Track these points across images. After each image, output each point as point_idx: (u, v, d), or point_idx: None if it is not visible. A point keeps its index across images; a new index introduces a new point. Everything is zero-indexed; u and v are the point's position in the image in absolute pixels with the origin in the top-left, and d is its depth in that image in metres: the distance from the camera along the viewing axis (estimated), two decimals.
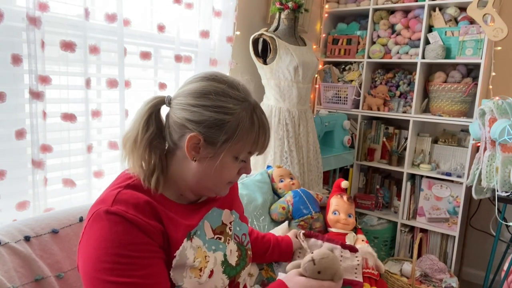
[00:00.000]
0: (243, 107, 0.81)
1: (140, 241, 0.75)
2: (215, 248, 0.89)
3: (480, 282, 2.61)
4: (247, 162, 0.88)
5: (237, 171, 0.87)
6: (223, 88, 0.82)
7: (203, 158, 0.83)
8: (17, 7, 1.22)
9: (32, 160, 1.26)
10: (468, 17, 2.27)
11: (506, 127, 1.87)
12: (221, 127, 0.80)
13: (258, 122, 0.83)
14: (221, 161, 0.82)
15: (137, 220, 0.76)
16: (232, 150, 0.82)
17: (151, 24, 1.64)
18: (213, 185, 0.86)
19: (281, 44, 1.98)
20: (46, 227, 1.06)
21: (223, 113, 0.80)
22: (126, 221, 0.75)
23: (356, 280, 1.43)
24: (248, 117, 0.82)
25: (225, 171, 0.84)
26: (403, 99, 2.60)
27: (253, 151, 0.86)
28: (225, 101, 0.80)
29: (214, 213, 0.94)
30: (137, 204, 0.78)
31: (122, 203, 0.77)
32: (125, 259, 0.73)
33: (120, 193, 0.80)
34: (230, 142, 0.80)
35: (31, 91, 1.22)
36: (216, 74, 0.86)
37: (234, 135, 0.80)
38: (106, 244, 0.73)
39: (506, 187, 1.96)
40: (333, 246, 0.93)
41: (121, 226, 0.75)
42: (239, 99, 0.82)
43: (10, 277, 0.91)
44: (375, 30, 2.66)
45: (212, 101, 0.80)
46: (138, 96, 1.61)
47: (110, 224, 0.75)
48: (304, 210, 1.63)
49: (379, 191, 2.77)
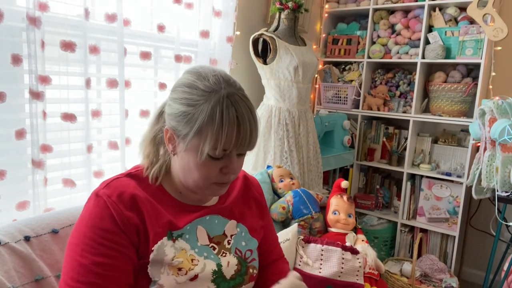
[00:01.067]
0: (207, 98, 0.76)
1: (110, 229, 0.77)
2: (207, 255, 0.86)
3: (480, 282, 2.61)
4: (228, 160, 0.81)
5: (219, 169, 0.81)
6: (192, 79, 0.80)
7: (179, 153, 0.82)
8: (17, 7, 1.22)
9: (32, 160, 1.26)
10: (468, 17, 2.27)
11: (506, 127, 1.87)
12: (185, 120, 0.77)
13: (222, 114, 0.75)
14: (192, 156, 0.79)
15: (115, 208, 0.78)
16: (199, 144, 0.77)
17: (151, 24, 1.64)
18: (193, 182, 0.82)
19: (281, 44, 1.98)
20: (46, 227, 1.07)
21: (187, 105, 0.78)
22: (105, 206, 0.78)
23: (358, 282, 1.43)
24: (210, 108, 0.75)
25: (203, 168, 0.80)
26: (403, 99, 2.60)
27: (224, 147, 0.77)
28: (190, 93, 0.78)
29: (216, 220, 0.91)
30: (121, 193, 0.80)
31: (110, 188, 0.81)
32: (90, 241, 0.76)
33: (117, 179, 0.84)
34: (193, 135, 0.77)
35: (31, 91, 1.22)
36: (196, 67, 0.84)
37: (195, 127, 0.76)
38: (83, 222, 0.79)
39: (506, 187, 1.96)
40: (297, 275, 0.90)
41: (99, 209, 0.78)
42: (206, 90, 0.77)
43: (10, 277, 0.91)
44: (375, 30, 2.66)
45: (180, 93, 0.80)
46: (138, 96, 1.61)
47: (92, 205, 0.79)
48: (304, 210, 1.63)
49: (379, 191, 2.77)
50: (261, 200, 1.05)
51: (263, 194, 1.07)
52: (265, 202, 1.07)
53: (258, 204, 1.03)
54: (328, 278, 1.41)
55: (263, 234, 1.03)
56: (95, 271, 0.74)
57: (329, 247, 1.45)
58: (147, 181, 0.86)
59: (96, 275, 0.74)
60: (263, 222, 1.02)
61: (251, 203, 1.01)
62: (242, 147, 0.79)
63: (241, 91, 0.80)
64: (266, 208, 1.08)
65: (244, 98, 0.79)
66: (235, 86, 0.80)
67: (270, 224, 1.09)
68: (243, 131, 0.77)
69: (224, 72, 0.83)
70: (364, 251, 1.50)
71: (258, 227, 1.00)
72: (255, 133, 0.80)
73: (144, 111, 1.62)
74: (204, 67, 0.83)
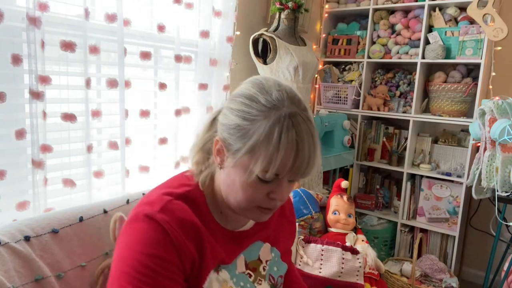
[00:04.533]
0: (266, 115, 0.69)
1: (169, 258, 0.71)
2: (243, 285, 0.82)
3: (480, 282, 2.61)
4: (278, 185, 0.73)
5: (266, 193, 0.73)
6: (254, 91, 0.72)
7: (227, 168, 0.75)
8: (17, 7, 1.22)
9: (32, 160, 1.26)
10: (468, 17, 2.27)
11: (506, 127, 1.87)
12: (239, 134, 0.71)
13: (280, 135, 0.67)
14: (240, 174, 0.72)
15: (177, 237, 0.71)
16: (249, 163, 0.70)
17: (151, 24, 1.63)
18: (235, 202, 0.75)
19: (281, 44, 1.98)
20: (46, 227, 1.06)
21: (243, 118, 0.70)
22: (164, 232, 0.71)
23: (358, 282, 1.43)
24: (268, 126, 0.68)
25: (249, 189, 0.72)
26: (403, 99, 2.60)
27: (277, 172, 0.69)
28: (249, 105, 0.71)
29: (253, 246, 0.87)
30: (183, 220, 0.74)
31: (168, 213, 0.73)
32: (146, 269, 0.69)
33: (171, 202, 0.76)
34: (244, 152, 0.70)
35: (31, 91, 1.22)
36: (259, 78, 0.77)
37: (248, 144, 0.69)
38: (135, 247, 0.71)
39: (506, 187, 1.96)
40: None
41: (157, 234, 0.71)
42: (266, 105, 0.69)
43: (10, 277, 0.91)
44: (375, 30, 2.66)
45: (238, 104, 0.73)
46: (138, 96, 1.61)
47: (147, 229, 0.71)
48: (304, 210, 1.63)
49: (379, 191, 2.77)
50: (293, 219, 1.00)
51: (293, 212, 1.03)
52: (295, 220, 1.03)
53: (290, 224, 0.98)
54: (328, 278, 1.41)
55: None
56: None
57: (329, 247, 1.45)
58: (198, 204, 0.79)
59: None
60: (292, 242, 0.99)
61: (284, 223, 0.96)
62: (296, 174, 0.71)
63: (305, 112, 0.72)
64: (295, 226, 1.03)
65: (307, 120, 0.71)
66: (299, 106, 0.71)
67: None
68: (301, 158, 0.69)
69: (290, 88, 0.74)
70: (364, 251, 1.51)
71: (289, 250, 0.97)
72: (313, 160, 0.71)
73: (144, 111, 1.62)
74: (269, 80, 0.75)
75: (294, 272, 1.05)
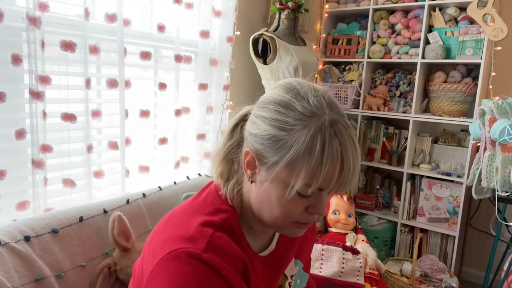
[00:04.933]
0: (305, 124, 0.62)
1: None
2: None
3: (480, 282, 2.61)
4: (318, 199, 0.67)
5: (304, 207, 0.67)
6: (288, 97, 0.66)
7: (259, 181, 0.68)
8: (17, 7, 1.22)
9: (32, 160, 1.26)
10: (468, 17, 2.27)
11: (506, 127, 1.87)
12: (275, 146, 0.64)
13: (323, 146, 0.61)
14: (277, 189, 0.65)
15: (231, 278, 0.64)
16: (288, 178, 0.64)
17: (151, 24, 1.63)
18: (271, 218, 0.69)
19: (281, 44, 1.98)
20: (46, 227, 1.07)
21: (279, 128, 0.64)
22: (218, 276, 0.62)
23: (358, 282, 1.43)
24: (309, 137, 0.61)
25: (286, 205, 0.66)
26: (403, 99, 2.60)
27: (321, 186, 0.63)
28: (285, 114, 0.64)
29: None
30: (232, 257, 0.66)
31: (216, 251, 0.64)
32: None
33: (214, 236, 0.66)
34: (282, 166, 0.63)
35: (31, 91, 1.22)
36: (292, 81, 0.70)
37: (287, 158, 0.62)
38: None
39: (506, 187, 1.96)
40: None
41: (210, 280, 0.62)
42: (305, 114, 0.63)
43: (10, 277, 0.91)
44: (375, 30, 2.66)
45: (272, 112, 0.66)
46: (138, 96, 1.61)
47: (197, 274, 0.62)
48: None
49: (379, 191, 2.77)
50: (314, 226, 0.95)
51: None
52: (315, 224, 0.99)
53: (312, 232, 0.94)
54: (328, 277, 1.41)
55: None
56: None
57: (330, 247, 1.45)
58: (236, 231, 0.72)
59: None
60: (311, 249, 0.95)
61: (307, 233, 0.88)
62: (341, 187, 0.65)
63: (344, 118, 0.66)
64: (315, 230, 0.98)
65: (348, 127, 0.65)
66: (339, 112, 0.66)
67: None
68: (346, 169, 0.63)
69: (326, 91, 0.68)
70: (364, 251, 1.51)
71: (309, 259, 0.93)
72: (357, 171, 0.66)
73: (144, 111, 1.62)
74: (303, 84, 0.69)
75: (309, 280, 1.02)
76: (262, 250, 0.79)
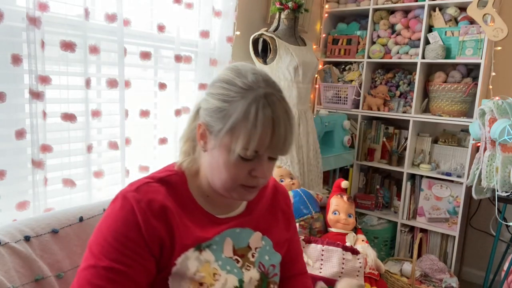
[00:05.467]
0: (243, 95, 0.74)
1: (132, 238, 0.74)
2: (230, 269, 0.83)
3: (480, 282, 2.61)
4: (259, 162, 0.77)
5: (248, 171, 0.78)
6: (231, 75, 0.78)
7: (210, 150, 0.79)
8: (17, 7, 1.22)
9: (32, 160, 1.26)
10: (468, 17, 2.27)
11: (506, 127, 1.87)
12: (219, 116, 0.76)
13: (257, 113, 0.72)
14: (223, 154, 0.76)
15: (143, 216, 0.75)
16: (230, 143, 0.75)
17: (151, 24, 1.64)
18: (221, 182, 0.79)
19: (281, 44, 1.98)
20: (46, 227, 1.06)
21: (222, 101, 0.76)
22: (132, 211, 0.75)
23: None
24: (246, 106, 0.73)
25: (232, 168, 0.77)
26: (403, 99, 2.60)
27: (256, 148, 0.74)
28: (228, 89, 0.76)
29: (243, 233, 0.88)
30: (151, 201, 0.77)
31: (140, 193, 0.78)
32: (110, 246, 0.74)
33: (147, 184, 0.81)
34: (225, 132, 0.74)
35: (31, 91, 1.22)
36: (237, 64, 0.82)
37: (227, 124, 0.74)
38: (106, 222, 0.77)
39: (506, 187, 1.96)
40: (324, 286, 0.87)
41: (124, 213, 0.76)
42: (243, 87, 0.75)
43: (10, 277, 0.91)
44: (375, 30, 2.66)
45: (217, 88, 0.78)
46: (138, 96, 1.61)
47: (119, 208, 0.77)
48: (304, 210, 1.63)
49: (379, 191, 2.77)
50: (289, 211, 1.01)
51: (291, 205, 1.04)
52: (293, 214, 1.04)
53: (285, 216, 1.00)
54: (328, 278, 1.41)
55: (290, 246, 1.00)
56: (109, 276, 0.73)
57: (330, 247, 1.45)
58: (178, 189, 0.83)
59: (109, 280, 0.73)
60: (288, 235, 0.99)
61: (278, 214, 0.97)
62: (274, 151, 0.76)
63: (280, 92, 0.78)
64: (293, 220, 1.04)
65: (282, 100, 0.77)
66: (274, 87, 0.78)
67: (295, 236, 1.06)
68: (277, 134, 0.74)
69: (265, 72, 0.80)
70: (364, 251, 1.51)
71: (283, 241, 0.97)
72: (290, 137, 0.76)
73: (144, 111, 1.62)
74: (245, 65, 0.81)
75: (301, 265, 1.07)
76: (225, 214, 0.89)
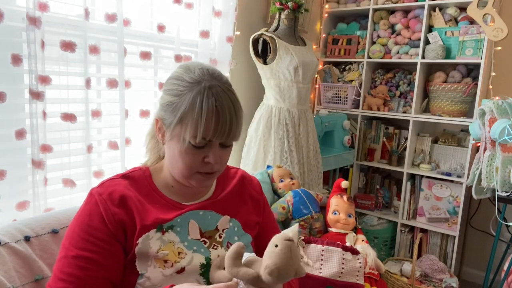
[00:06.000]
0: (190, 89, 0.81)
1: (95, 226, 0.82)
2: (197, 249, 0.88)
3: (480, 282, 2.61)
4: (210, 149, 0.84)
5: (201, 158, 0.84)
6: (180, 72, 0.85)
7: (167, 142, 0.87)
8: (17, 7, 1.22)
9: (32, 160, 1.26)
10: (468, 17, 2.27)
11: (506, 127, 1.87)
12: (170, 109, 0.83)
13: (202, 103, 0.79)
14: (177, 144, 0.83)
15: (104, 205, 0.83)
16: (181, 132, 0.82)
17: (151, 24, 1.64)
18: (178, 171, 0.87)
19: (281, 44, 1.98)
20: (46, 227, 1.07)
21: (173, 95, 0.83)
22: (95, 203, 0.84)
23: (358, 283, 1.43)
24: (192, 97, 0.80)
25: (186, 156, 0.83)
26: (403, 99, 2.60)
27: (203, 136, 0.80)
28: (177, 84, 0.83)
29: (209, 216, 0.92)
30: (112, 192, 0.85)
31: (103, 187, 0.87)
32: (77, 236, 0.82)
33: (111, 180, 0.90)
34: (175, 123, 0.82)
35: (31, 91, 1.22)
36: (187, 62, 0.89)
37: (177, 116, 0.81)
38: (75, 218, 0.86)
39: (506, 187, 1.96)
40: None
41: (89, 206, 0.85)
42: (190, 82, 0.82)
43: (10, 277, 0.91)
44: (375, 30, 2.66)
45: (169, 85, 0.86)
46: (138, 96, 1.61)
47: (85, 203, 0.86)
48: (304, 210, 1.63)
49: (379, 191, 2.77)
50: (258, 197, 1.05)
51: (261, 192, 1.08)
52: (264, 200, 1.07)
53: (255, 201, 1.04)
54: (328, 278, 1.40)
55: (265, 230, 1.03)
56: (77, 264, 0.79)
57: (330, 248, 1.45)
58: (140, 181, 0.91)
59: (78, 267, 0.79)
60: (259, 219, 1.03)
61: (246, 199, 1.02)
62: (221, 137, 0.82)
63: (226, 84, 0.84)
64: (266, 205, 1.08)
65: (227, 91, 0.83)
66: (220, 79, 0.84)
67: (271, 222, 1.09)
68: (222, 121, 0.80)
69: (212, 67, 0.87)
70: (364, 251, 1.50)
71: (252, 223, 1.00)
72: (235, 124, 0.83)
73: (144, 111, 1.62)
74: (194, 62, 0.88)
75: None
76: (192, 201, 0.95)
